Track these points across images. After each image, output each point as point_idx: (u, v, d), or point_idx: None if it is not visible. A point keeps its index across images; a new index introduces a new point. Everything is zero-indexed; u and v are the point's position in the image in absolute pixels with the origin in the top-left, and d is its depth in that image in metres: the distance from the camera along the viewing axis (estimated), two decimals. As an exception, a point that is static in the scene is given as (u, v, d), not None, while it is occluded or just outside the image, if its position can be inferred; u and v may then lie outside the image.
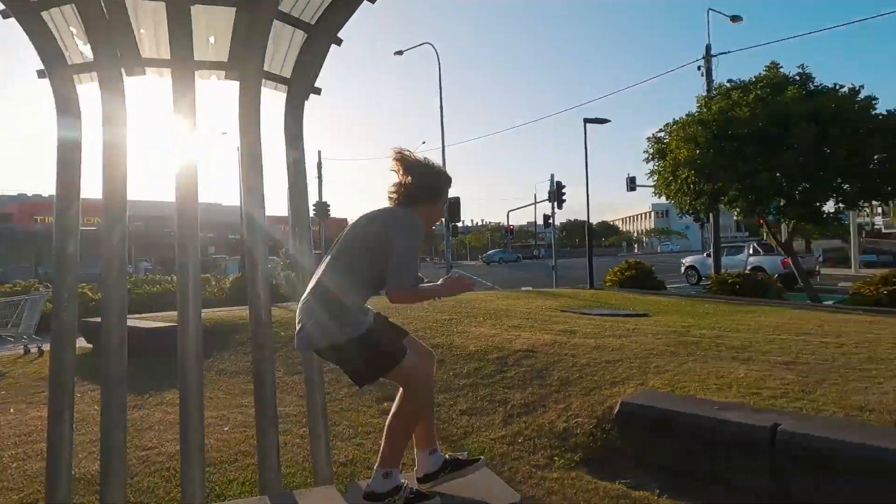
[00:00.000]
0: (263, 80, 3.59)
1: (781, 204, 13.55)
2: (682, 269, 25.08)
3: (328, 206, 31.04)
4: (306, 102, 3.78)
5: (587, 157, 18.73)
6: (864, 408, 4.09)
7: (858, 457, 3.24)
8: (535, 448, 4.47)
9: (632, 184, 30.99)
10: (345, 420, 5.21)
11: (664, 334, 7.43)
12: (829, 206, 13.67)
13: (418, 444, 2.73)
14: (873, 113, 13.06)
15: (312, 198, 30.70)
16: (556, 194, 21.71)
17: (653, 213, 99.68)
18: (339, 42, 3.75)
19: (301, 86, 3.76)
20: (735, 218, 15.67)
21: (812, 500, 3.36)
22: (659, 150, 15.50)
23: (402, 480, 2.61)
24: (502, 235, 64.92)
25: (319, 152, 34.17)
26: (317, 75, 3.80)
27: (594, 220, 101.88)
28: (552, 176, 21.62)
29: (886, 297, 11.94)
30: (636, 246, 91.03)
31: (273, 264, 17.01)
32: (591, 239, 19.70)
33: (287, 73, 3.81)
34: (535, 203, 57.83)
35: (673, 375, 5.28)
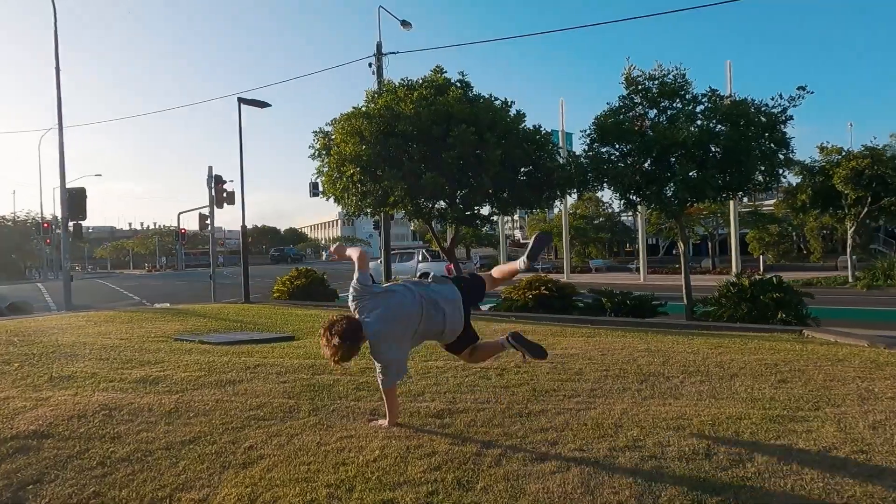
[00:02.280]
0: None
1: (444, 206, 12.99)
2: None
3: None
4: None
5: (242, 142, 16.00)
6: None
7: None
8: None
9: (314, 189, 29.21)
10: None
11: (294, 372, 5.26)
12: (485, 211, 13.66)
13: None
14: (521, 126, 13.36)
15: None
16: (216, 191, 18.39)
17: (339, 221, 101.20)
18: None
19: None
20: (411, 228, 14.66)
21: None
22: (325, 145, 13.70)
23: None
24: (173, 240, 56.99)
25: None
26: None
27: (282, 227, 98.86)
28: (210, 169, 18.25)
29: (532, 300, 12.15)
30: (323, 254, 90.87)
31: None
32: (246, 244, 16.99)
33: None
34: (212, 205, 52.07)
35: (264, 473, 3.03)
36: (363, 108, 12.92)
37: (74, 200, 18.03)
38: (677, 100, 10.99)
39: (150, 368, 5.44)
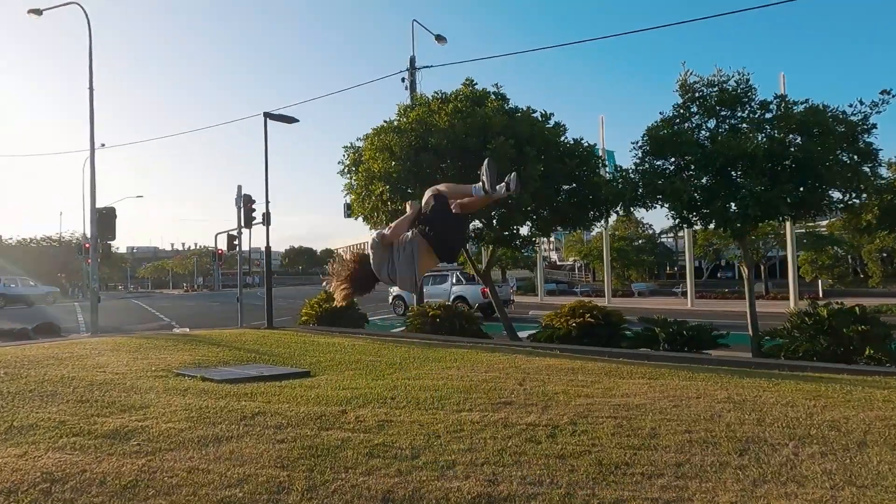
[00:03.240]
0: None
1: (479, 226, 11.98)
2: (390, 298, 23.27)
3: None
4: None
5: (267, 158, 15.36)
6: None
7: None
8: None
9: (348, 209, 28.67)
10: None
11: (297, 425, 4.27)
12: (524, 231, 12.59)
13: None
14: (562, 140, 12.32)
15: None
16: (245, 210, 17.80)
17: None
18: None
19: None
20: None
21: None
22: (355, 161, 12.90)
23: None
24: (211, 260, 57.37)
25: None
26: None
27: (318, 247, 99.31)
28: (239, 188, 17.67)
29: (576, 329, 11.00)
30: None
31: None
32: (270, 266, 16.25)
33: None
34: (251, 226, 52.18)
35: None
36: (394, 123, 12.09)
37: (104, 221, 17.67)
38: (739, 108, 9.82)
39: (131, 416, 4.54)
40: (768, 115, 9.29)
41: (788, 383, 5.80)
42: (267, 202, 15.37)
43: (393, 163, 11.21)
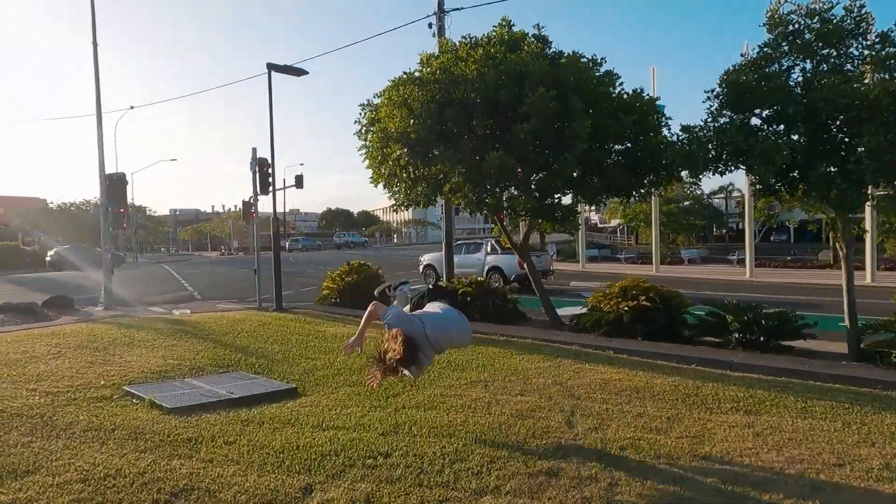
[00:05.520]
0: None
1: (514, 194, 10.17)
2: (421, 267, 21.70)
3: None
4: None
5: (272, 113, 13.83)
6: None
7: None
8: None
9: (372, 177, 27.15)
10: None
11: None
12: (567, 201, 10.73)
13: None
14: (615, 92, 10.27)
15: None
16: (261, 175, 16.32)
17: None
18: None
19: None
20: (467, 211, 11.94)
21: None
22: (372, 120, 11.14)
23: None
24: (246, 224, 56.95)
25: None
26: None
27: (355, 209, 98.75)
28: (254, 151, 16.15)
29: (629, 313, 9.17)
30: (395, 236, 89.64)
31: None
32: (278, 236, 14.82)
33: None
34: (284, 188, 51.12)
35: None
36: (415, 74, 10.23)
37: (114, 188, 16.55)
38: (846, 44, 7.63)
39: (-6, 496, 3.09)
40: (890, 50, 7.12)
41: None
42: (273, 159, 13.98)
43: (412, 121, 9.44)
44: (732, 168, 7.84)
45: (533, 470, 3.34)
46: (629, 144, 10.04)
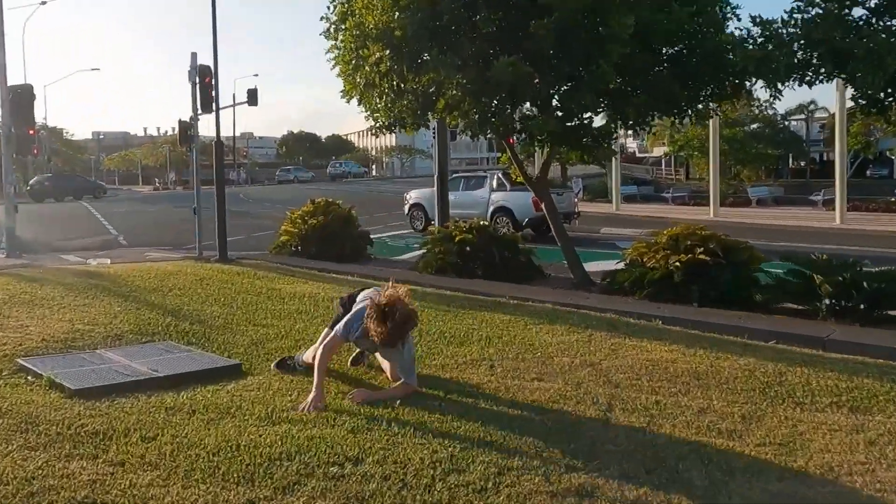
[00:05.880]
0: None
1: (529, 111, 9.98)
2: (406, 207, 21.48)
3: None
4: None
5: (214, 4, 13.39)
6: None
7: None
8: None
9: (343, 91, 26.75)
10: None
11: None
12: (600, 121, 10.50)
13: None
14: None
15: None
16: (202, 87, 15.86)
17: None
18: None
19: None
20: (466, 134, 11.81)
21: None
22: (343, 15, 10.78)
23: None
24: (186, 151, 56.58)
25: None
26: None
27: (323, 133, 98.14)
28: (193, 56, 15.61)
29: (681, 270, 8.91)
30: (374, 168, 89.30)
31: None
32: (222, 165, 14.51)
33: None
34: (234, 105, 50.03)
35: None
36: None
37: (19, 102, 16.30)
38: None
39: None
40: None
41: None
42: (216, 66, 13.80)
43: (396, 13, 9.18)
44: (824, 78, 7.60)
45: (557, 488, 3.18)
46: (683, 46, 9.89)
